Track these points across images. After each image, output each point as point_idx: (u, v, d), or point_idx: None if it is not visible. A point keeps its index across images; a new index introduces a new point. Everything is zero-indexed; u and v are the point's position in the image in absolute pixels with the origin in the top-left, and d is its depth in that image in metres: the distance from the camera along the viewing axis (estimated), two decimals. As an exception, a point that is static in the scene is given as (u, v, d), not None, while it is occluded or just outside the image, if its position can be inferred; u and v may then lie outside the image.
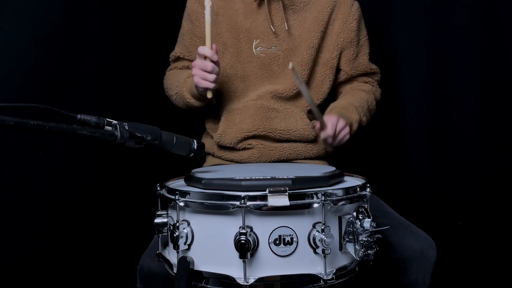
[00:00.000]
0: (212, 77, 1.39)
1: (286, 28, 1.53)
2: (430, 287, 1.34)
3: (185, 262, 0.98)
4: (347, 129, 1.48)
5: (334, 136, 1.44)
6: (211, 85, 1.40)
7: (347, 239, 1.00)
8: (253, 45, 1.55)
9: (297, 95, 1.57)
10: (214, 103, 1.60)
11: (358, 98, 1.62)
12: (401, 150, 1.97)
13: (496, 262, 1.79)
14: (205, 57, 1.39)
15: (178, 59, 1.68)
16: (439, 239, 1.40)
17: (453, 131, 1.84)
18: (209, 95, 1.45)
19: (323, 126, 1.44)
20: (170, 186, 1.10)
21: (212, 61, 1.39)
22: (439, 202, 1.88)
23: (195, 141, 1.15)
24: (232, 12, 1.56)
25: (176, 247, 1.02)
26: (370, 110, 1.65)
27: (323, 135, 1.45)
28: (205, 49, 1.39)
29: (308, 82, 1.57)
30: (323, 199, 0.96)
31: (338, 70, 1.63)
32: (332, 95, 1.66)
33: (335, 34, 1.59)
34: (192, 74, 1.43)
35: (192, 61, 1.62)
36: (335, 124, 1.44)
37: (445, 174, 1.87)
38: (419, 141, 1.91)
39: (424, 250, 1.34)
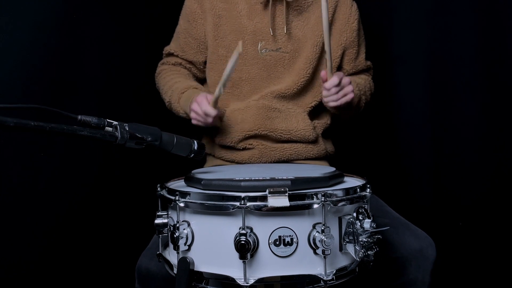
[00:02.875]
0: (207, 123, 1.44)
1: (285, 31, 1.53)
2: (429, 286, 1.35)
3: (185, 263, 0.98)
4: (351, 87, 1.45)
5: (339, 85, 1.42)
6: (205, 125, 1.45)
7: (347, 240, 1.00)
8: (258, 47, 1.55)
9: (300, 94, 1.58)
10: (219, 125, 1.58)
11: (357, 79, 1.64)
12: (401, 150, 1.97)
13: (496, 262, 1.79)
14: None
15: (171, 55, 1.68)
16: (439, 239, 1.40)
17: (453, 131, 1.84)
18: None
19: (328, 76, 1.41)
20: (170, 187, 1.11)
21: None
22: (439, 201, 1.88)
23: (195, 141, 1.15)
24: (236, 14, 1.55)
25: (176, 247, 1.02)
26: (367, 96, 1.66)
27: (328, 83, 1.41)
28: (209, 110, 1.39)
29: (312, 80, 1.57)
30: (323, 199, 0.96)
31: (339, 68, 1.64)
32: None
33: (337, 33, 1.59)
34: (191, 115, 1.46)
35: (185, 60, 1.64)
36: (342, 75, 1.44)
37: (445, 174, 1.87)
38: (419, 142, 1.91)
39: (423, 249, 1.34)
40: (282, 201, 0.94)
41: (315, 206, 0.97)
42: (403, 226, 1.40)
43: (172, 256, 1.09)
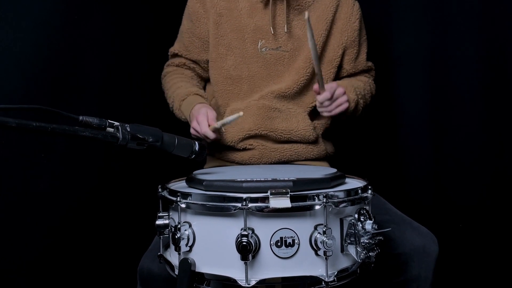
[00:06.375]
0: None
1: (285, 30, 1.54)
2: (432, 283, 1.34)
3: (186, 264, 0.98)
4: (345, 97, 1.47)
5: (332, 99, 1.44)
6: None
7: (349, 241, 1.00)
8: (259, 45, 1.55)
9: (300, 94, 1.58)
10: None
11: (356, 83, 1.63)
12: (402, 150, 1.97)
13: (498, 259, 1.79)
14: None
15: (175, 55, 1.69)
16: (441, 236, 1.40)
17: (454, 130, 1.84)
18: None
19: (321, 90, 1.43)
20: (171, 188, 1.11)
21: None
22: (441, 200, 1.88)
23: (196, 142, 1.15)
24: (236, 12, 1.56)
25: (177, 248, 1.02)
26: (366, 99, 1.65)
27: (320, 98, 1.43)
28: (208, 133, 1.41)
29: (312, 80, 1.57)
30: (324, 201, 0.96)
31: (339, 67, 1.64)
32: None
33: (338, 33, 1.59)
34: (191, 130, 1.48)
35: (189, 59, 1.65)
36: (334, 88, 1.44)
37: (446, 172, 1.87)
38: (420, 141, 1.91)
39: (426, 245, 1.34)
40: (283, 202, 0.94)
41: (317, 207, 0.97)
42: (405, 223, 1.39)
43: (173, 257, 1.09)
